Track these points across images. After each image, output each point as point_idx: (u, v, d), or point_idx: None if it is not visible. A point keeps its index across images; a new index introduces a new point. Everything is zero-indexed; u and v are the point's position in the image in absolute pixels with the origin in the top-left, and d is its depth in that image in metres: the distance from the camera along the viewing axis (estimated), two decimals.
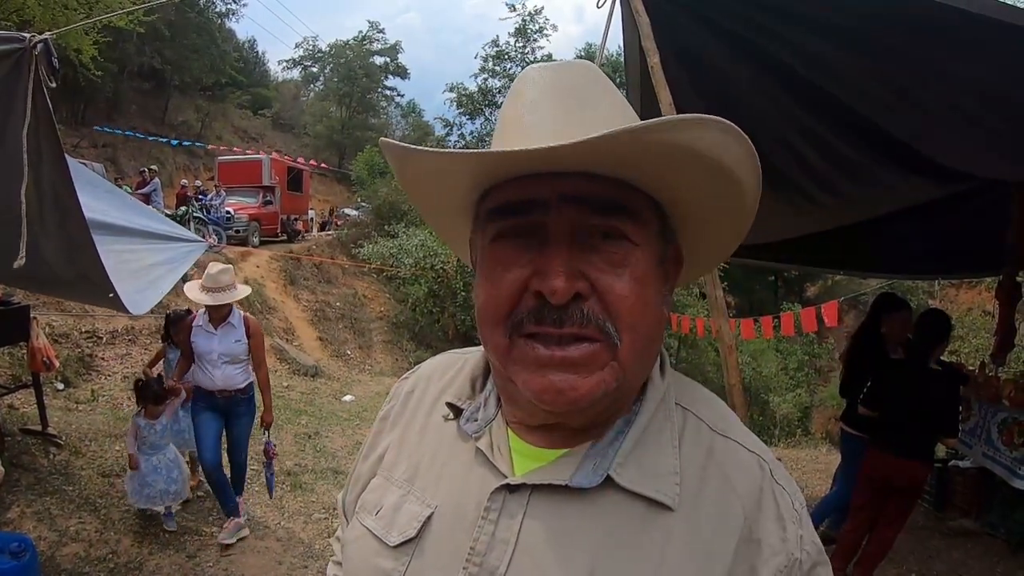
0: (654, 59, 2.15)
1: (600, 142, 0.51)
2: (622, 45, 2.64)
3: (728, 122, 0.54)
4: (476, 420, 0.71)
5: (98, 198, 3.30)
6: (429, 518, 0.66)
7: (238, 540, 4.10)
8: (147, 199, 12.01)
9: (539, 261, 0.59)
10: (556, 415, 0.64)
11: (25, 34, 1.93)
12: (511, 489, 0.63)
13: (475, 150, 0.58)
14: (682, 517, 0.60)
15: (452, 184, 0.66)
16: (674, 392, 0.69)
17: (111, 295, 2.49)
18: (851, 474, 4.10)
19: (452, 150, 0.60)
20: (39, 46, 1.89)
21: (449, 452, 0.71)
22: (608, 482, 0.61)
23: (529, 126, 0.62)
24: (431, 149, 0.60)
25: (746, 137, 0.56)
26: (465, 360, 0.80)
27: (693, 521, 0.60)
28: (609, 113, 0.63)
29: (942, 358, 3.64)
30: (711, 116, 0.53)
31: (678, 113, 2.09)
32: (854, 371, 4.10)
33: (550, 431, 0.67)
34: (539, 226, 0.60)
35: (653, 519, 0.60)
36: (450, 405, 0.74)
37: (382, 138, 0.67)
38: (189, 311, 4.37)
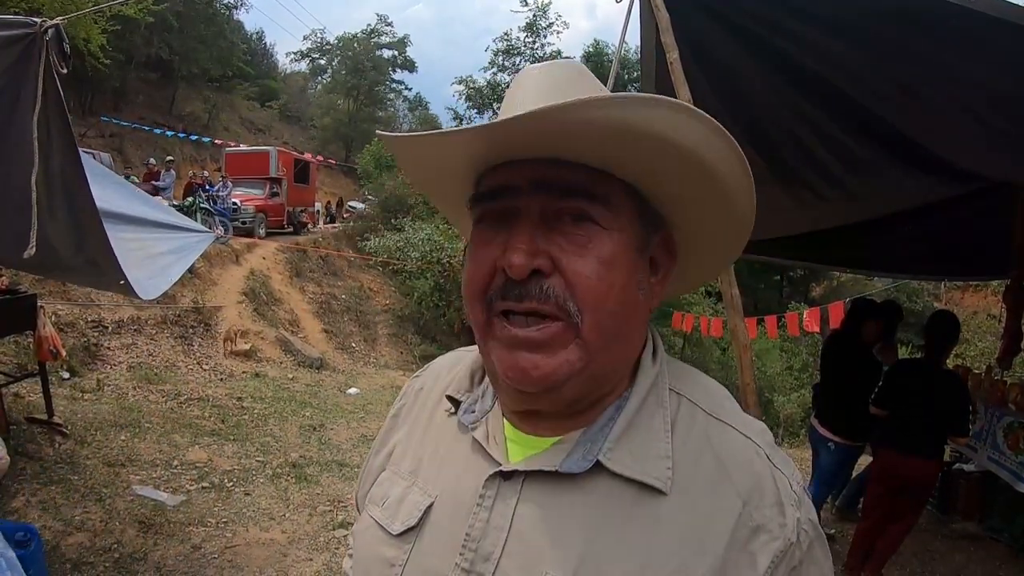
0: (673, 55, 2.11)
1: (529, 118, 0.53)
2: (639, 42, 2.61)
3: (679, 102, 0.55)
4: (473, 411, 0.74)
5: (105, 188, 3.28)
6: (430, 507, 0.69)
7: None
8: (155, 191, 12.00)
9: (508, 240, 0.62)
10: (530, 399, 0.65)
11: (35, 19, 1.91)
12: (505, 476, 0.65)
13: (436, 131, 0.62)
14: (675, 502, 0.61)
15: (445, 170, 0.70)
16: (668, 378, 0.70)
17: (121, 282, 2.48)
18: (833, 481, 4.26)
19: (420, 132, 0.63)
20: (50, 31, 1.87)
21: (450, 444, 0.73)
22: (599, 467, 0.63)
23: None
24: (409, 134, 0.64)
25: (709, 119, 0.57)
26: (469, 355, 0.83)
27: (686, 506, 0.61)
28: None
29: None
30: (657, 96, 0.54)
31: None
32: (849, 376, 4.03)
33: (542, 419, 0.68)
34: (512, 210, 0.63)
35: (645, 503, 0.61)
36: (449, 398, 0.77)
37: (379, 131, 0.73)
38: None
